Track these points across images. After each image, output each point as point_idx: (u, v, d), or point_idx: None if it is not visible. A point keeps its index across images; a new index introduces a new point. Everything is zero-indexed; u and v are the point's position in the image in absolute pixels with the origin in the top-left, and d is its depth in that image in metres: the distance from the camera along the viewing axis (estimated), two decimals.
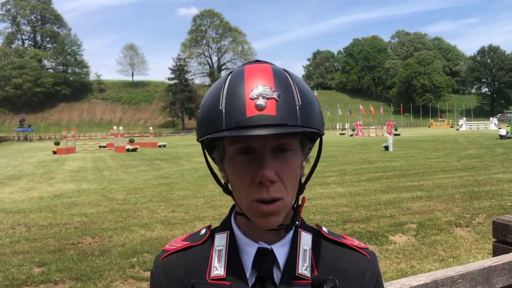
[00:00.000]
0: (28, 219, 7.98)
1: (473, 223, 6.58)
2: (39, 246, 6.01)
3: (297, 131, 0.68)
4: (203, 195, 10.04)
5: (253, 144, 0.70)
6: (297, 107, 0.69)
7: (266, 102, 0.67)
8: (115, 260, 5.23)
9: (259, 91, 0.68)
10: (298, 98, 0.70)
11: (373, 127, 59.25)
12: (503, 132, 30.42)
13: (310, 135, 0.78)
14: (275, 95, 0.68)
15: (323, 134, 0.78)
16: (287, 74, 0.74)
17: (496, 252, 1.63)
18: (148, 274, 4.78)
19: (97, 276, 4.73)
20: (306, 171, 0.82)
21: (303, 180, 0.81)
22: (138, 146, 34.52)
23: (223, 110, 0.69)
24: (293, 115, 0.68)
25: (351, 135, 49.30)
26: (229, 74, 0.75)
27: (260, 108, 0.67)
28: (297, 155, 0.74)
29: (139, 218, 7.72)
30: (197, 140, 0.78)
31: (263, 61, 0.78)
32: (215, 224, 0.87)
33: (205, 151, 0.82)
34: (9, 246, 6.08)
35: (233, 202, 0.81)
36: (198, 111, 0.77)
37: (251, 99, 0.68)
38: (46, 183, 13.55)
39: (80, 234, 6.63)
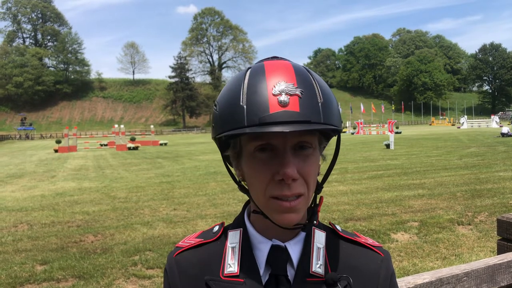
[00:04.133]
0: (30, 217, 8.00)
1: (475, 221, 6.57)
2: (41, 244, 6.03)
3: (320, 128, 0.67)
4: (204, 193, 10.04)
5: (273, 141, 0.70)
6: (320, 104, 0.69)
7: (289, 99, 0.66)
8: (117, 258, 5.24)
9: (281, 87, 0.67)
10: (320, 95, 0.70)
11: (374, 125, 59.19)
12: (505, 130, 30.39)
13: (327, 132, 0.78)
14: (298, 92, 0.67)
15: (342, 131, 0.77)
16: (308, 72, 0.73)
17: (500, 250, 1.63)
18: (150, 272, 4.79)
19: (99, 274, 4.74)
20: (323, 170, 0.81)
21: (319, 179, 0.80)
22: (139, 144, 34.51)
23: (244, 106, 0.68)
24: (316, 112, 0.68)
25: (352, 133, 49.24)
26: (247, 70, 0.73)
27: (283, 104, 0.66)
28: (316, 152, 0.74)
29: (141, 216, 7.73)
30: (215, 137, 0.76)
31: (281, 57, 0.77)
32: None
33: (221, 149, 0.81)
34: (12, 244, 6.10)
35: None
36: (215, 107, 0.75)
37: (274, 95, 0.67)
38: (48, 181, 13.57)
39: (82, 232, 6.64)
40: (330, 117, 0.70)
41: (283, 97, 0.66)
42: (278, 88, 0.67)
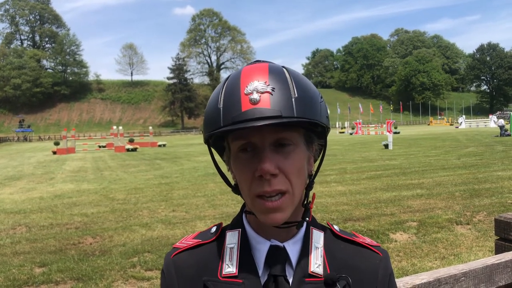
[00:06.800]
0: (29, 219, 7.98)
1: (473, 220, 6.58)
2: (40, 247, 6.01)
3: (292, 121, 0.68)
4: (203, 194, 10.03)
5: (253, 140, 0.71)
6: (293, 99, 0.70)
7: (260, 96, 0.69)
8: (116, 260, 5.23)
9: (253, 86, 0.70)
10: (294, 91, 0.71)
11: (373, 125, 59.25)
12: (501, 122, 30.69)
13: (316, 130, 0.77)
14: (269, 89, 0.69)
15: (327, 126, 0.77)
16: (284, 69, 0.75)
17: (498, 249, 1.63)
18: (149, 273, 4.79)
19: (98, 276, 4.73)
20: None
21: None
22: (138, 146, 34.46)
23: (221, 108, 0.71)
24: (288, 107, 0.69)
25: (351, 134, 49.31)
26: (229, 76, 0.76)
27: (254, 102, 0.68)
28: (299, 150, 0.74)
29: (140, 218, 7.72)
30: (204, 142, 0.79)
31: (263, 60, 0.79)
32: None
33: (212, 152, 0.83)
34: (10, 247, 6.08)
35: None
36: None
37: (246, 94, 0.69)
38: (46, 183, 13.54)
39: (81, 234, 6.63)
40: (307, 111, 0.70)
41: (254, 95, 0.69)
42: (250, 88, 0.70)
